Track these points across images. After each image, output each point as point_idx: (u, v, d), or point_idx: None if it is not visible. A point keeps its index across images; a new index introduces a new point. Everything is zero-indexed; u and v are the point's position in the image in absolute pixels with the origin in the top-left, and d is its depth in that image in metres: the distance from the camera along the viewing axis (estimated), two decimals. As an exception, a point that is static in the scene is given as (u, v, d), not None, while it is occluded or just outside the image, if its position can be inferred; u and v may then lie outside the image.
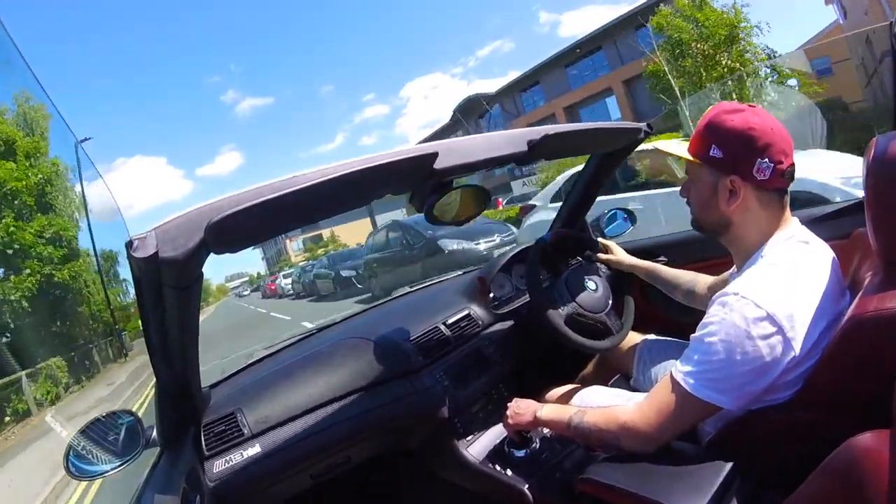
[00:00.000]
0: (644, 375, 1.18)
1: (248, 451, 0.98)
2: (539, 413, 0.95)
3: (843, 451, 0.52)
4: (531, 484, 1.02)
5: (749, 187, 0.77)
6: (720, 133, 0.77)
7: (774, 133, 0.75)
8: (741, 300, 0.71)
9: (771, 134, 0.74)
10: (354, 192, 0.73)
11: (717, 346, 0.71)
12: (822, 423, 0.69)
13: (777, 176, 0.75)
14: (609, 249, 1.31)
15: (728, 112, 0.77)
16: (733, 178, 0.77)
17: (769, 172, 0.75)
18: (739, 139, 0.75)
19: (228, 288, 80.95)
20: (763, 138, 0.74)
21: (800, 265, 0.75)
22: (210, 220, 0.56)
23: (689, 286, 1.17)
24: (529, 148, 0.87)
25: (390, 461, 1.26)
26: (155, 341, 0.72)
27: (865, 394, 0.65)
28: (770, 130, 0.75)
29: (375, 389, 1.15)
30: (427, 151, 0.73)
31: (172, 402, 0.89)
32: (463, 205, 0.89)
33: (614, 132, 1.13)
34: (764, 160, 0.74)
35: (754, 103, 0.80)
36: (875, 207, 0.65)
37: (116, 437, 0.87)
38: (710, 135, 0.79)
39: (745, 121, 0.75)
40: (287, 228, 0.71)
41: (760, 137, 0.74)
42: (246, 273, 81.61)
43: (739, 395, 0.72)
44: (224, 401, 1.09)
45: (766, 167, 0.75)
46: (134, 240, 0.54)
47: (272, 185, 0.61)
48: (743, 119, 0.76)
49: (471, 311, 1.37)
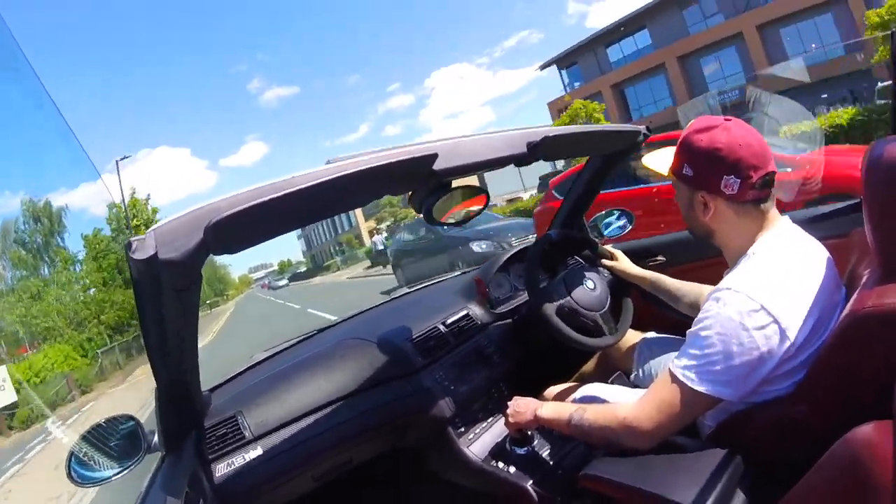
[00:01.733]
0: (644, 372, 1.19)
1: (250, 454, 0.98)
2: (539, 411, 0.95)
3: (844, 442, 0.53)
4: (533, 481, 1.02)
5: (719, 200, 0.81)
6: (689, 152, 0.82)
7: (742, 149, 0.77)
8: (734, 294, 0.73)
9: (738, 150, 0.77)
10: (354, 193, 0.73)
11: (714, 339, 0.72)
12: (821, 417, 0.70)
13: (746, 189, 0.78)
14: (615, 257, 1.31)
15: (698, 131, 0.81)
16: (703, 194, 0.82)
17: (737, 187, 0.78)
18: (704, 158, 0.80)
19: (252, 279, 76.11)
20: (730, 157, 0.77)
21: (789, 260, 0.77)
22: (209, 222, 0.56)
23: (694, 297, 1.17)
24: (529, 149, 0.87)
25: (392, 461, 1.26)
26: (154, 344, 0.72)
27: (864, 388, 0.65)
28: (738, 147, 0.77)
29: (376, 390, 1.15)
30: (426, 152, 0.73)
31: (173, 406, 0.89)
32: (462, 205, 0.89)
33: (613, 134, 1.14)
34: (730, 177, 0.77)
35: (730, 117, 0.82)
36: (872, 208, 0.67)
37: (118, 442, 0.86)
38: (682, 153, 0.84)
39: (712, 140, 0.78)
40: (287, 229, 0.71)
41: (727, 156, 0.77)
42: (270, 263, 77.94)
43: (738, 387, 0.73)
44: (225, 404, 1.09)
45: (732, 182, 0.78)
46: (133, 241, 0.53)
47: (271, 185, 0.61)
48: (710, 138, 0.79)
49: (470, 311, 1.37)
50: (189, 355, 0.81)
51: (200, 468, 0.92)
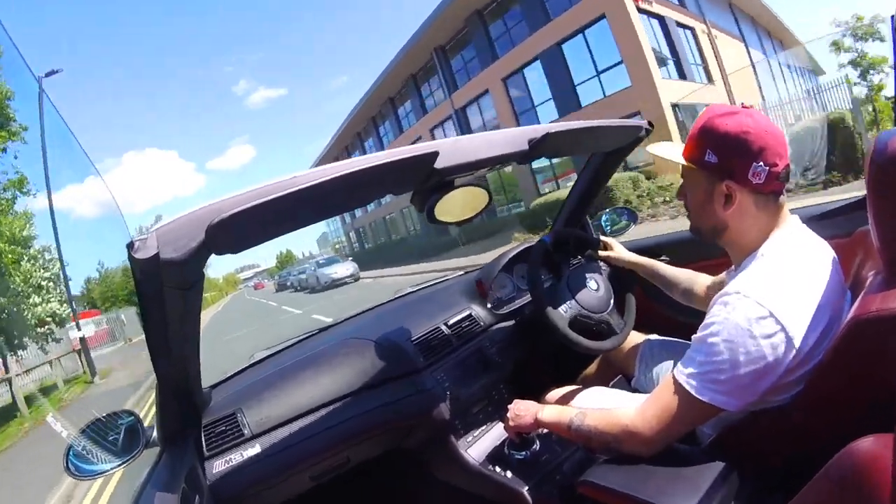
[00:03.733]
0: (646, 376, 1.18)
1: (248, 452, 0.98)
2: (540, 415, 0.94)
3: (844, 455, 0.52)
4: (531, 486, 1.02)
5: (745, 191, 0.76)
6: (714, 137, 0.76)
7: (769, 136, 0.74)
8: (743, 299, 0.70)
9: (766, 137, 0.73)
10: (355, 193, 0.73)
11: (720, 347, 0.70)
12: (823, 426, 0.69)
13: (773, 179, 0.74)
14: (609, 246, 1.31)
15: (722, 115, 0.76)
16: (728, 184, 0.76)
17: (764, 176, 0.74)
18: (734, 143, 0.74)
19: (240, 279, 73.33)
20: (758, 142, 0.73)
21: (799, 263, 0.74)
22: (211, 222, 0.56)
23: (688, 285, 1.17)
24: (530, 147, 0.87)
25: (390, 462, 1.26)
26: (156, 342, 0.72)
27: (867, 396, 0.64)
28: (765, 133, 0.73)
29: (376, 390, 1.15)
30: (427, 151, 0.73)
31: (173, 402, 0.89)
32: (464, 204, 0.89)
33: (615, 130, 1.13)
34: (759, 164, 0.73)
35: (748, 104, 0.78)
36: (877, 204, 0.64)
37: (116, 436, 0.87)
38: (704, 139, 0.77)
39: (740, 124, 0.74)
40: (288, 229, 0.71)
41: (755, 141, 0.73)
42: (258, 264, 75.99)
43: (742, 397, 0.71)
44: (225, 401, 1.09)
45: (761, 171, 0.73)
46: (135, 241, 0.54)
47: (273, 185, 0.61)
48: (737, 122, 0.74)
49: (472, 312, 1.37)
50: (190, 353, 0.82)
51: (198, 464, 0.93)
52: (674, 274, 1.20)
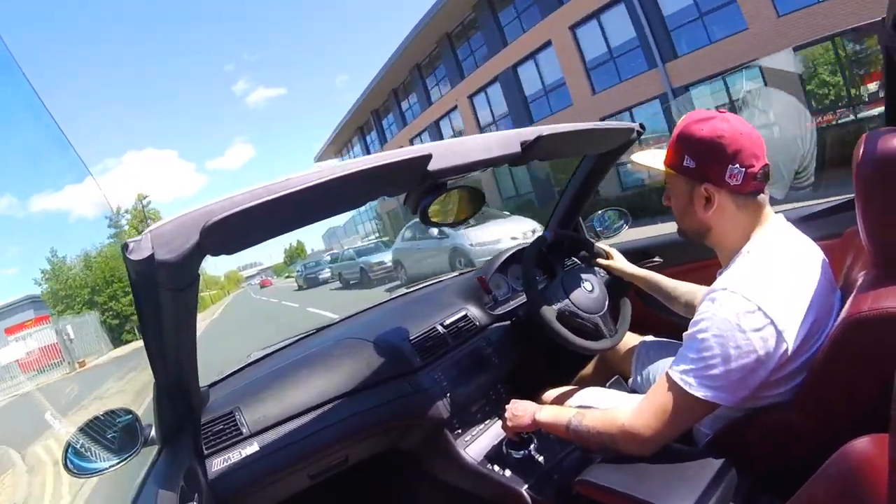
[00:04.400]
0: (642, 377, 1.18)
1: (246, 450, 0.99)
2: (538, 415, 0.95)
3: (840, 456, 0.52)
4: (529, 485, 1.02)
5: (723, 193, 0.79)
6: (691, 143, 0.80)
7: (744, 138, 0.76)
8: (730, 295, 0.72)
9: (740, 139, 0.76)
10: (349, 195, 0.73)
11: (711, 342, 0.72)
12: (819, 426, 0.69)
13: (750, 179, 0.77)
14: (611, 256, 1.31)
15: (697, 121, 0.80)
16: (707, 186, 0.80)
17: (741, 177, 0.77)
18: (710, 148, 0.78)
19: (242, 276, 68.73)
20: (733, 144, 0.76)
21: (784, 259, 0.76)
22: (206, 223, 0.56)
23: (689, 298, 1.16)
24: (523, 149, 0.87)
25: (388, 461, 1.26)
26: (152, 342, 0.73)
27: (862, 395, 0.64)
28: (739, 136, 0.76)
29: (373, 389, 1.15)
30: (421, 153, 0.73)
31: (171, 401, 0.90)
32: (457, 206, 0.89)
33: (608, 132, 1.13)
34: (735, 165, 0.76)
35: (724, 109, 0.81)
36: (865, 204, 0.65)
37: (115, 435, 0.87)
38: (681, 145, 0.81)
39: (714, 129, 0.77)
40: (283, 230, 0.72)
41: (730, 144, 0.76)
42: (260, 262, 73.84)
43: (736, 391, 0.72)
44: (223, 400, 1.10)
45: (738, 172, 0.76)
46: (130, 242, 0.54)
47: (267, 187, 0.61)
48: (712, 127, 0.78)
49: (468, 312, 1.37)
50: (187, 353, 0.82)
51: (196, 463, 0.93)
52: (674, 287, 1.20)
